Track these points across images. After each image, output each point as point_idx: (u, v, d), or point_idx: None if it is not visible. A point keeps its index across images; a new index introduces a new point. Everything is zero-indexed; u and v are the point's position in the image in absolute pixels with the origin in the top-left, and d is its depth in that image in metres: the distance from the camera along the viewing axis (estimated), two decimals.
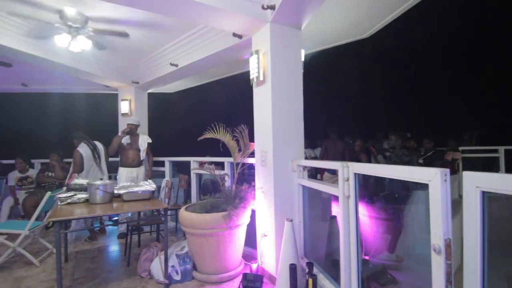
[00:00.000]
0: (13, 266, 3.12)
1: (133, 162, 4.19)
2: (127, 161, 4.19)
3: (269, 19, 2.63)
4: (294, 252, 2.35)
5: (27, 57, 3.83)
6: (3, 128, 6.90)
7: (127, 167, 4.17)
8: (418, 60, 8.93)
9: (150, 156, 4.41)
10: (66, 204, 2.67)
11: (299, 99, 2.84)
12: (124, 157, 4.20)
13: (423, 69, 8.96)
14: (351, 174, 1.89)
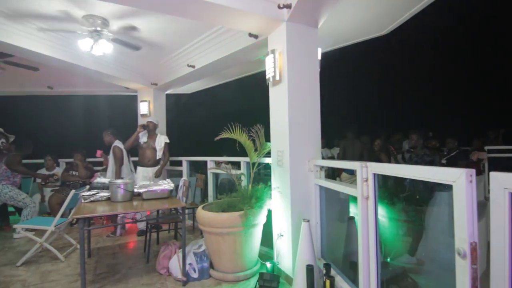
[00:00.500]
0: (40, 261, 3.28)
1: (149, 162, 4.27)
2: (143, 160, 4.29)
3: (285, 18, 2.62)
4: (311, 253, 2.33)
5: (53, 61, 4.01)
6: (31, 129, 7.24)
7: (143, 167, 4.27)
8: (440, 57, 8.62)
9: (166, 155, 4.41)
10: (89, 202, 2.77)
11: (316, 98, 2.81)
12: (141, 156, 4.30)
13: (445, 65, 8.63)
14: (370, 174, 1.85)
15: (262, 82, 3.00)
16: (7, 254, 3.48)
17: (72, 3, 3.00)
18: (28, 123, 7.36)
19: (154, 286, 2.65)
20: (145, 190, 2.85)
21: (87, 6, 3.07)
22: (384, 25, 3.54)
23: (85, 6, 3.08)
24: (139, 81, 5.15)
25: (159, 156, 4.34)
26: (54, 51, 3.86)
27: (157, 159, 4.34)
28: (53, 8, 3.09)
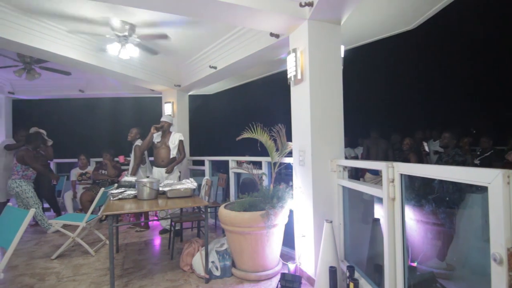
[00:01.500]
0: (73, 255, 3.46)
1: (163, 162, 4.14)
2: (157, 160, 4.19)
3: (307, 16, 2.59)
4: (334, 255, 2.28)
5: (83, 65, 4.23)
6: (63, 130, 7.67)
7: (158, 167, 4.18)
8: (470, 52, 8.13)
9: (181, 153, 4.24)
10: (117, 199, 2.90)
11: (339, 97, 2.75)
12: (155, 156, 4.22)
13: (476, 61, 8.13)
14: (396, 175, 1.78)
15: (283, 82, 2.98)
16: (42, 248, 3.71)
17: (100, 8, 3.15)
18: (62, 124, 7.80)
19: (178, 282, 2.71)
20: (170, 189, 2.93)
21: (115, 11, 3.21)
22: (411, 19, 3.41)
23: (113, 11, 3.22)
24: (163, 83, 5.31)
25: (173, 155, 4.20)
26: (85, 56, 4.07)
27: (172, 158, 4.20)
28: (83, 14, 3.26)
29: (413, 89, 8.99)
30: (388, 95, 9.13)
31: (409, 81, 8.93)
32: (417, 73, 8.80)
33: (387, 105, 9.21)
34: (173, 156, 4.19)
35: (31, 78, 4.72)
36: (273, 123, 3.08)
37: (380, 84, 9.11)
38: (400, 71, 8.72)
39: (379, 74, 8.86)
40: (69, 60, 4.00)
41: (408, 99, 9.11)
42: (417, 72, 8.79)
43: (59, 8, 3.13)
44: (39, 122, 3.74)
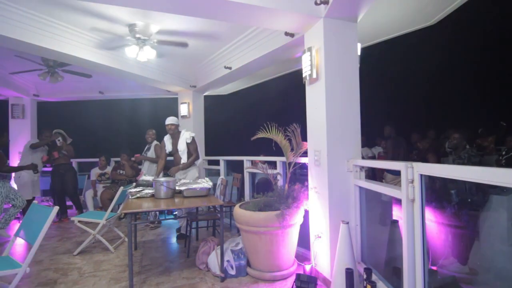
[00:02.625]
0: (93, 251, 3.58)
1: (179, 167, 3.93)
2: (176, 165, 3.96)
3: (322, 15, 2.56)
4: (351, 256, 2.25)
5: (103, 68, 4.36)
6: (84, 130, 7.96)
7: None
8: (493, 48, 7.77)
9: (194, 153, 3.97)
10: (136, 198, 2.97)
11: (355, 95, 2.70)
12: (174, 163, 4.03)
13: (499, 57, 7.75)
14: (416, 175, 1.73)
15: (298, 81, 2.96)
16: (65, 244, 3.86)
17: (119, 13, 3.24)
18: (83, 125, 8.10)
19: (194, 280, 2.75)
20: (186, 188, 2.98)
21: (131, 16, 3.30)
22: (431, 15, 3.30)
23: (131, 16, 3.31)
24: (179, 84, 5.40)
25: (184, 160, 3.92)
26: (104, 59, 4.20)
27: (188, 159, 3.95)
28: (103, 19, 3.37)
29: (434, 87, 8.70)
30: (407, 93, 8.88)
31: (429, 79, 8.65)
32: (437, 70, 8.50)
33: (407, 103, 8.96)
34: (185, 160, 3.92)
35: (54, 81, 4.93)
36: (288, 122, 3.06)
37: (400, 82, 8.87)
38: (419, 68, 8.45)
39: (397, 72, 8.62)
40: (90, 63, 4.14)
41: (427, 97, 8.83)
42: (437, 70, 8.49)
43: (82, 14, 3.25)
44: (62, 123, 3.89)
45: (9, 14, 3.14)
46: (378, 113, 7.29)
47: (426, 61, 8.36)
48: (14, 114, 6.24)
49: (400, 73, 8.70)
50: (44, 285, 2.69)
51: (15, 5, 3.11)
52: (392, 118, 6.90)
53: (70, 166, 5.18)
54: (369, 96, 3.34)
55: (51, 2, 3.03)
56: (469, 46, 7.94)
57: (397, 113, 8.61)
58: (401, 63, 8.31)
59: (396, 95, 8.94)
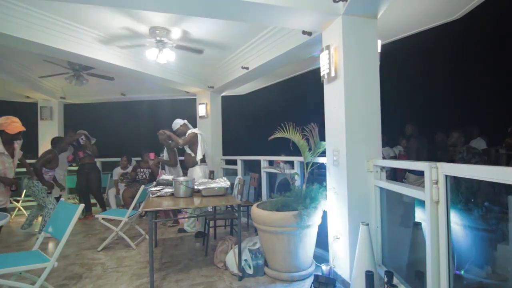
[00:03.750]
0: (116, 247, 3.71)
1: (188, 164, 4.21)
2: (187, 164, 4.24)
3: (340, 12, 2.51)
4: (371, 259, 2.19)
5: (125, 70, 4.51)
6: (107, 131, 8.25)
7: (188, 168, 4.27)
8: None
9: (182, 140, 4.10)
10: (156, 196, 3.05)
11: (375, 94, 2.64)
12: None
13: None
14: (441, 176, 1.66)
15: (316, 80, 2.93)
16: (90, 240, 4.02)
17: (139, 17, 3.33)
18: (106, 126, 8.40)
19: (212, 278, 2.79)
20: (204, 187, 3.02)
21: (151, 18, 3.38)
22: (454, 9, 3.15)
23: (150, 19, 3.40)
24: (197, 85, 5.49)
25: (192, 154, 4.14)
26: (126, 62, 4.34)
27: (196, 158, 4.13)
28: (124, 23, 3.48)
29: (460, 84, 8.31)
30: (430, 91, 8.54)
31: (455, 75, 8.27)
32: (461, 67, 8.12)
33: (428, 102, 8.62)
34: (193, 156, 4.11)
35: (79, 84, 5.14)
36: (306, 122, 3.03)
37: (422, 80, 8.55)
38: (443, 65, 8.11)
39: (420, 68, 8.32)
40: (112, 66, 4.30)
41: (452, 95, 8.45)
42: (461, 66, 8.11)
43: (105, 19, 3.37)
44: (86, 124, 4.07)
45: (37, 21, 3.31)
46: (400, 112, 7.07)
47: (449, 57, 8.02)
48: (42, 115, 6.57)
49: (423, 70, 8.38)
50: (71, 278, 2.82)
51: (43, 12, 3.27)
52: (415, 117, 6.67)
53: (94, 166, 5.39)
54: (390, 94, 3.25)
55: (76, 8, 3.16)
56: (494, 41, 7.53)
57: (421, 111, 8.30)
58: (423, 60, 8.01)
59: (419, 93, 8.62)
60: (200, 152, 4.12)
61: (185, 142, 4.12)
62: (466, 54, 7.88)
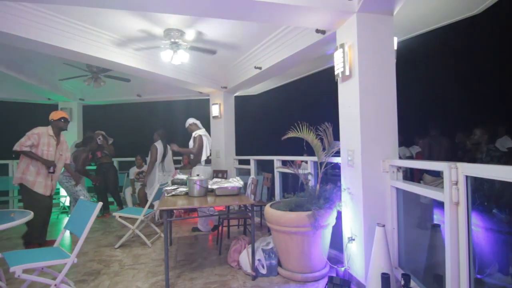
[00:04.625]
0: (132, 245, 3.80)
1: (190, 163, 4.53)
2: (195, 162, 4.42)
3: (355, 9, 2.47)
4: (387, 261, 2.15)
5: (141, 72, 4.61)
6: (124, 131, 8.45)
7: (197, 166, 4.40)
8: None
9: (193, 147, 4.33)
10: (171, 196, 3.10)
11: (392, 92, 2.58)
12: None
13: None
14: (461, 176, 1.61)
15: (330, 79, 2.89)
16: (107, 237, 4.13)
17: (154, 19, 3.40)
18: (122, 126, 8.60)
19: (226, 277, 2.81)
20: (218, 187, 3.05)
21: (166, 20, 3.44)
22: (475, 3, 3.04)
23: (165, 21, 3.45)
24: (211, 85, 5.53)
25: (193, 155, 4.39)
26: (142, 63, 4.43)
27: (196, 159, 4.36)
28: (139, 26, 3.56)
29: (479, 81, 8.00)
30: (450, 89, 8.25)
31: (475, 73, 7.97)
32: (483, 63, 7.80)
33: (447, 101, 8.34)
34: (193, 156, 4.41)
35: (97, 85, 5.30)
36: (320, 122, 3.00)
37: (439, 78, 8.28)
38: (462, 62, 7.82)
39: (437, 66, 8.06)
40: (129, 68, 4.40)
41: (473, 94, 8.13)
42: (482, 62, 7.79)
43: (121, 22, 3.46)
44: (104, 124, 4.19)
45: (59, 26, 3.43)
46: (418, 111, 6.88)
47: (469, 54, 7.71)
48: None
49: (442, 67, 8.11)
50: (90, 274, 2.91)
51: (64, 17, 3.38)
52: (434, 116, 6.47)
53: (112, 165, 5.54)
54: (407, 92, 3.16)
55: (93, 12, 3.25)
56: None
57: (440, 111, 8.05)
58: (442, 57, 7.75)
59: (438, 91, 8.33)
60: (204, 154, 4.33)
61: (197, 149, 4.32)
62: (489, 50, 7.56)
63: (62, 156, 3.68)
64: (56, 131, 3.60)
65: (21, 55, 4.49)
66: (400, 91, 2.60)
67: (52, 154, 3.53)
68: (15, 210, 2.78)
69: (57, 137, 3.62)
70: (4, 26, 3.07)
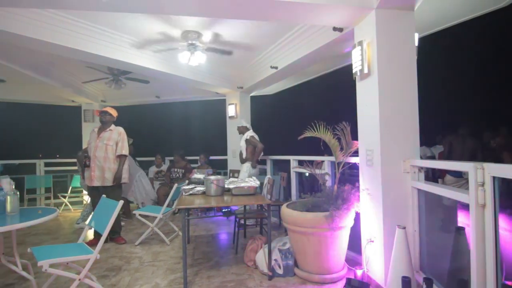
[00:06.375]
0: (152, 242, 3.89)
1: (242, 159, 4.77)
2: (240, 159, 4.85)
3: (374, 6, 2.42)
4: (408, 264, 2.09)
5: (159, 74, 4.71)
6: (143, 132, 8.69)
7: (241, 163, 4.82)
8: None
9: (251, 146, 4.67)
10: (189, 195, 3.15)
11: (413, 90, 2.50)
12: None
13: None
14: (487, 177, 1.54)
15: (348, 77, 2.84)
16: (128, 235, 4.25)
17: (171, 22, 3.46)
18: (142, 127, 8.84)
19: (242, 276, 2.82)
20: (234, 186, 3.07)
21: (183, 22, 3.50)
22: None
23: (182, 23, 3.51)
24: (227, 86, 5.58)
25: (244, 154, 4.73)
26: (160, 65, 4.54)
27: (246, 157, 4.70)
28: (158, 29, 3.64)
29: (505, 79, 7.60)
30: (475, 87, 7.89)
31: (503, 69, 7.58)
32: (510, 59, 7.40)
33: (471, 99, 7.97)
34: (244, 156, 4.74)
35: (118, 87, 5.47)
36: (337, 121, 2.95)
37: (464, 74, 7.94)
38: (487, 57, 7.46)
39: (462, 62, 7.73)
40: (148, 70, 4.52)
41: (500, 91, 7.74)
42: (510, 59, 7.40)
43: (140, 25, 3.55)
44: (124, 125, 4.30)
45: (83, 31, 3.57)
46: (440, 109, 6.63)
47: (496, 48, 7.35)
48: (86, 118, 7.09)
49: (465, 64, 7.77)
50: (111, 270, 3.00)
51: (86, 21, 3.51)
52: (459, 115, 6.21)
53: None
54: (429, 89, 3.05)
55: (113, 16, 3.36)
56: None
57: (464, 109, 7.71)
58: (466, 53, 7.44)
59: (462, 89, 7.99)
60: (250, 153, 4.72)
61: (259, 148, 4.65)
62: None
63: (108, 146, 3.76)
64: (101, 125, 3.88)
65: (46, 59, 4.71)
66: (421, 88, 2.51)
67: (91, 147, 3.76)
68: (43, 207, 2.92)
69: (101, 131, 3.82)
70: (33, 32, 3.23)
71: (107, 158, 3.75)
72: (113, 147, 3.78)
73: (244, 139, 4.73)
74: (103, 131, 3.81)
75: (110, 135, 3.81)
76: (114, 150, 3.79)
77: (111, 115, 3.90)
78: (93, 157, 3.71)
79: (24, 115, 7.78)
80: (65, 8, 2.96)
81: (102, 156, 3.72)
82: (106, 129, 3.83)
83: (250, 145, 4.69)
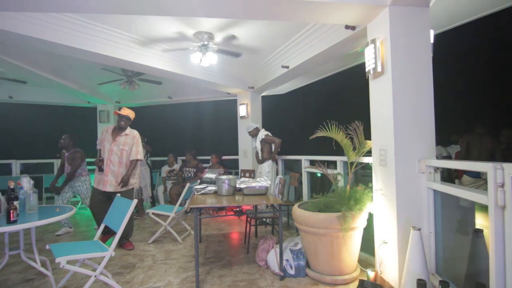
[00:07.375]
0: (164, 241, 3.95)
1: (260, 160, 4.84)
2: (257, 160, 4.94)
3: (387, 3, 2.37)
4: (423, 266, 2.04)
5: (171, 75, 4.78)
6: (156, 132, 8.81)
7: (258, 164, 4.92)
8: None
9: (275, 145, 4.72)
10: (201, 194, 3.18)
11: (428, 88, 2.44)
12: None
13: None
14: (507, 178, 1.48)
15: (360, 76, 2.80)
16: (141, 233, 4.33)
17: (183, 23, 3.50)
18: (155, 127, 8.97)
19: (254, 276, 2.82)
20: (246, 186, 3.07)
21: (195, 23, 3.53)
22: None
23: (193, 24, 3.55)
24: (238, 86, 5.60)
25: (260, 154, 4.79)
26: (172, 66, 4.60)
27: (264, 156, 4.75)
28: (170, 30, 3.69)
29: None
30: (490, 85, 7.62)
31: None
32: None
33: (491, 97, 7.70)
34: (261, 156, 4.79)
35: (132, 88, 5.58)
36: (349, 120, 2.91)
37: (482, 72, 7.67)
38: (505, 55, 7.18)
39: (480, 59, 7.47)
40: (160, 71, 4.59)
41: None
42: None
43: (153, 27, 3.61)
44: (138, 125, 4.37)
45: (99, 34, 3.66)
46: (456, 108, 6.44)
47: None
48: (101, 118, 7.27)
49: (483, 61, 7.51)
50: (125, 267, 3.07)
51: (101, 24, 3.60)
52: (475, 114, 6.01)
53: (145, 164, 5.79)
54: (444, 87, 2.96)
55: (128, 19, 3.43)
56: None
57: (482, 107, 7.46)
58: (484, 49, 7.18)
59: (481, 87, 7.73)
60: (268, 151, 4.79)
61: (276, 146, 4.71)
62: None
63: (124, 151, 3.61)
64: (117, 127, 3.70)
65: (64, 62, 4.85)
66: (437, 87, 2.45)
67: (106, 150, 3.60)
68: (60, 205, 3.01)
69: (117, 133, 3.65)
70: (53, 37, 3.35)
71: (122, 163, 3.60)
72: (128, 152, 3.63)
73: (259, 140, 4.75)
74: (118, 135, 3.64)
75: (126, 140, 3.64)
76: (129, 154, 3.64)
77: (130, 119, 3.76)
78: (107, 161, 3.55)
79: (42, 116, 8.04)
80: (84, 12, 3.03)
81: (117, 161, 3.57)
82: (121, 133, 3.65)
83: (266, 143, 4.71)
